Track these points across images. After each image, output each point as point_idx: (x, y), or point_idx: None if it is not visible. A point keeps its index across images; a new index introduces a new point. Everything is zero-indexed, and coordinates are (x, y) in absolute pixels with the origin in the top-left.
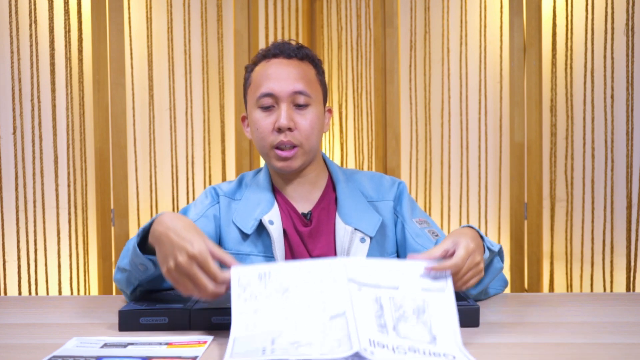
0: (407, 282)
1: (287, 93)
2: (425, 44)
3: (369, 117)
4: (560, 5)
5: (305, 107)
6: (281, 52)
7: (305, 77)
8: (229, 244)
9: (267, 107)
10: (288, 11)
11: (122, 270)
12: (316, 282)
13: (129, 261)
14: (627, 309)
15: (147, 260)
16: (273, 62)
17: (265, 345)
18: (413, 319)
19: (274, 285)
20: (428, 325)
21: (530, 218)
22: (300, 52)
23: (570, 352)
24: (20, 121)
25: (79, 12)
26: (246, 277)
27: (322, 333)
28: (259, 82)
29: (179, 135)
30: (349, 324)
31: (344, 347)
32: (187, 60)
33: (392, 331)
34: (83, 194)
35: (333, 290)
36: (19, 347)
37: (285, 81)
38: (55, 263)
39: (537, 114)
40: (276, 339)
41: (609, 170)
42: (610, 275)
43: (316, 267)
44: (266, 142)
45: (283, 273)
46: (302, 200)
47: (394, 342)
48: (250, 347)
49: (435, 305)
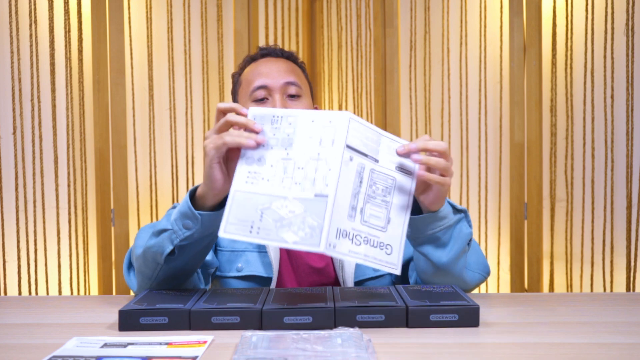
0: (386, 157)
1: (279, 84)
2: (425, 44)
3: (369, 117)
4: (560, 5)
5: (298, 97)
6: (269, 53)
7: (295, 72)
8: (225, 241)
9: (261, 99)
10: (288, 11)
11: (158, 233)
12: (316, 140)
13: (175, 219)
14: (627, 309)
15: (197, 215)
16: (262, 61)
17: (254, 219)
18: (379, 199)
19: (282, 134)
20: (388, 208)
21: (530, 218)
22: (286, 53)
23: (570, 352)
24: (20, 121)
25: (79, 12)
26: (260, 118)
27: (303, 214)
28: (250, 79)
29: (179, 135)
30: (325, 213)
31: (314, 239)
32: (187, 61)
33: (358, 214)
34: (83, 194)
35: (328, 156)
36: (19, 347)
37: (276, 73)
38: (55, 263)
39: (537, 114)
40: (264, 213)
41: (609, 170)
42: (610, 275)
43: (322, 118)
44: None
45: (292, 120)
46: None
47: (355, 230)
48: (242, 217)
49: (399, 187)
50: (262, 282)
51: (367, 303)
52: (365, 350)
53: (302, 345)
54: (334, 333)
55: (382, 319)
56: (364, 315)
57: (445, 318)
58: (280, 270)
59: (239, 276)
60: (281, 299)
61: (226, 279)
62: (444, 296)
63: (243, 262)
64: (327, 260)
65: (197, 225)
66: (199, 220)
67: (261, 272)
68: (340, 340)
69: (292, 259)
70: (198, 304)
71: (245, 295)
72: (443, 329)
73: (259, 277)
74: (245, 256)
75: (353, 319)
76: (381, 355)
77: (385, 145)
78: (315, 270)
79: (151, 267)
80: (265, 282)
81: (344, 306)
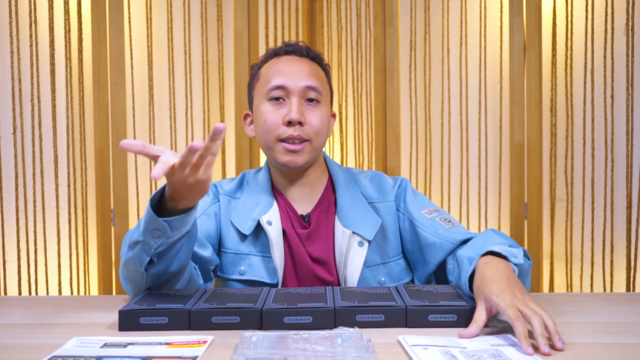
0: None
1: (299, 87)
2: (425, 44)
3: (369, 117)
4: (560, 5)
5: (316, 103)
6: (293, 50)
7: (317, 76)
8: (229, 243)
9: (277, 98)
10: (288, 11)
11: (133, 245)
12: None
13: (143, 230)
14: (627, 309)
15: (163, 223)
16: (284, 59)
17: None
18: None
19: None
20: None
21: (530, 218)
22: (312, 53)
23: (570, 352)
24: (20, 121)
25: (79, 12)
26: None
27: None
28: (269, 76)
29: (179, 135)
30: None
31: None
32: (187, 61)
33: None
34: (83, 194)
35: None
36: (19, 347)
37: (297, 74)
38: (55, 263)
39: (537, 114)
40: None
41: (609, 170)
42: (610, 275)
43: None
44: (273, 135)
45: None
46: (302, 202)
47: None
48: None
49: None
50: None
51: (366, 303)
52: (365, 350)
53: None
54: (334, 333)
55: (382, 319)
56: (364, 315)
57: (444, 318)
58: (284, 277)
59: (242, 279)
60: (281, 299)
61: (229, 281)
62: (443, 296)
63: (246, 265)
64: (332, 271)
65: (167, 231)
66: (167, 227)
67: (265, 277)
68: (340, 340)
69: (298, 266)
70: (198, 304)
71: (245, 295)
72: (442, 329)
73: (263, 283)
74: (249, 260)
75: (353, 319)
76: (381, 355)
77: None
78: (320, 280)
79: (137, 277)
80: None
81: (344, 306)
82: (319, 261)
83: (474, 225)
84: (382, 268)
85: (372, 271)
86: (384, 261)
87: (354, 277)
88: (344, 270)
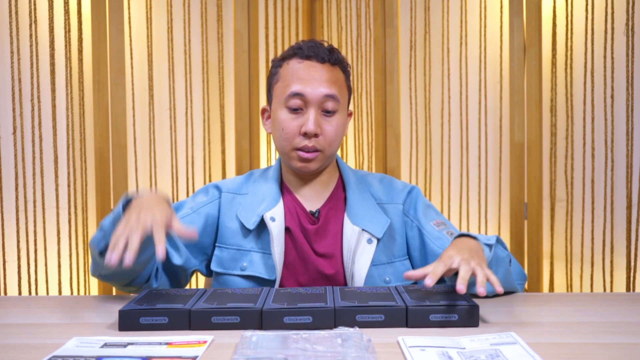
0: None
1: (317, 97)
2: (425, 44)
3: (369, 117)
4: (560, 5)
5: (333, 113)
6: (315, 54)
7: (337, 83)
8: (232, 239)
9: (295, 109)
10: (288, 11)
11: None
12: None
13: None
14: (627, 309)
15: None
16: (306, 64)
17: None
18: None
19: None
20: None
21: (530, 218)
22: (333, 57)
23: (570, 352)
24: (20, 121)
25: (79, 12)
26: None
27: None
28: (288, 81)
29: (179, 135)
30: None
31: None
32: (187, 61)
33: None
34: (83, 194)
35: None
36: (19, 347)
37: (317, 83)
38: (55, 263)
39: (537, 114)
40: None
41: (609, 170)
42: (610, 275)
43: None
44: (289, 143)
45: None
46: (312, 199)
47: None
48: None
49: (509, 351)
50: (264, 284)
51: (366, 303)
52: (365, 350)
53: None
54: (334, 333)
55: (382, 319)
56: (364, 315)
57: (445, 318)
58: (284, 274)
59: (242, 275)
60: (281, 299)
61: (229, 276)
62: (443, 296)
63: (248, 261)
64: (337, 267)
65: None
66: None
67: (263, 273)
68: (340, 340)
69: (300, 263)
70: (198, 304)
71: (245, 295)
72: (443, 329)
73: (261, 279)
74: (250, 256)
75: (353, 319)
76: (381, 355)
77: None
78: (324, 276)
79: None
80: (267, 284)
81: (344, 306)
82: (325, 256)
83: (474, 226)
84: (388, 267)
85: (379, 270)
86: (390, 261)
87: (361, 273)
88: (351, 267)
